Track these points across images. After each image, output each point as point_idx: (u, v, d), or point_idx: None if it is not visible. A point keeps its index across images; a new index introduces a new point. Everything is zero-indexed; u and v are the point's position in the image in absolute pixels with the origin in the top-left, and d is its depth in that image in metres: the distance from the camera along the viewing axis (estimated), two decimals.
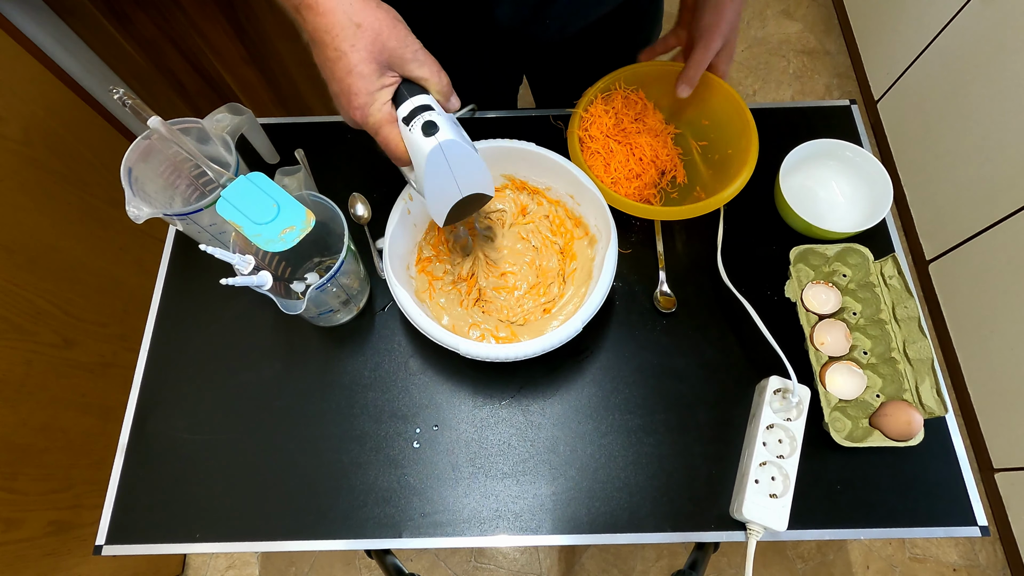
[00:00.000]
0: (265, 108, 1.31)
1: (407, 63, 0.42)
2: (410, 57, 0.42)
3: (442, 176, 0.45)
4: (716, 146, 0.69)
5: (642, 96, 0.70)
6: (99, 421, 1.00)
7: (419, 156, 0.43)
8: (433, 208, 0.49)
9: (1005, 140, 1.18)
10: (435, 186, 0.46)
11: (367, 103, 0.42)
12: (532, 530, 0.56)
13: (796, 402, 0.56)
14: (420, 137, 0.42)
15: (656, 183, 0.69)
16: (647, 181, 0.68)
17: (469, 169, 0.46)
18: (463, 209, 0.50)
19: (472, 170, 0.47)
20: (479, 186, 0.49)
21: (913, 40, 1.45)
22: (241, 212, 0.47)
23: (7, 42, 0.89)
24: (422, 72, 0.43)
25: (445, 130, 0.43)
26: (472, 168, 0.47)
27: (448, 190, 0.47)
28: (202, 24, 1.07)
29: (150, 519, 0.57)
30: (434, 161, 0.43)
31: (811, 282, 0.63)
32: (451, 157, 0.44)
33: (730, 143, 0.66)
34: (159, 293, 0.66)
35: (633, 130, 0.69)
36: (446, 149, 0.43)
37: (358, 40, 0.40)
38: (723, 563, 1.26)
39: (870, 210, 0.67)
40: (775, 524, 0.53)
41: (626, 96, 0.69)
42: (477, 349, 0.52)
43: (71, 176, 0.98)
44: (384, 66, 0.42)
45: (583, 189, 0.59)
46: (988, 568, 1.26)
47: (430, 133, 0.42)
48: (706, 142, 0.70)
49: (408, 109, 0.43)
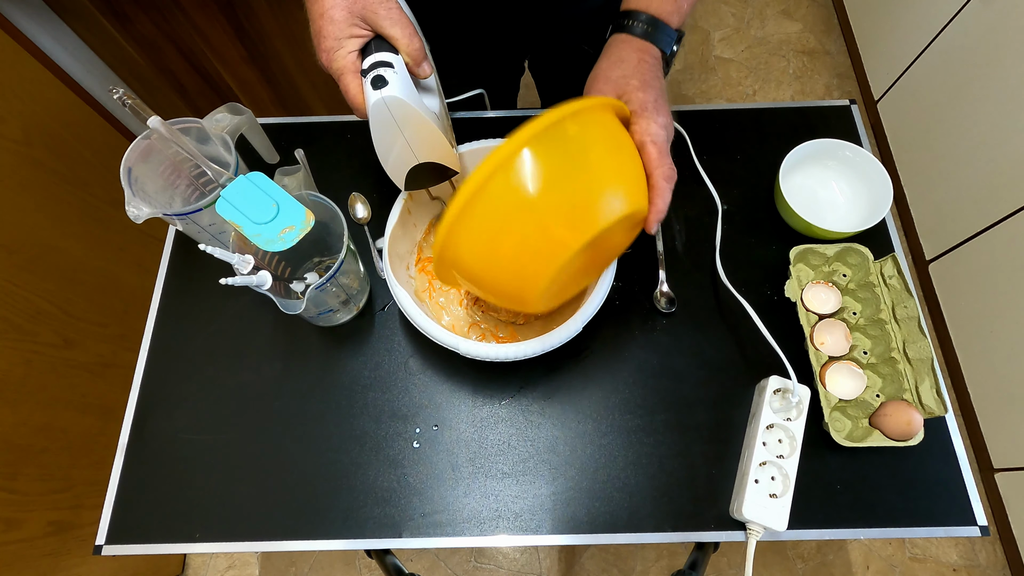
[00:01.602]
0: (265, 108, 1.31)
1: (380, 19, 0.43)
2: (383, 14, 0.43)
3: (390, 134, 0.46)
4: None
5: None
6: (99, 421, 1.00)
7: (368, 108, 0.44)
8: (387, 167, 0.49)
9: (1005, 140, 1.18)
10: (384, 143, 0.47)
11: (333, 47, 0.44)
12: (532, 530, 0.56)
13: (796, 402, 0.56)
14: (370, 89, 0.43)
15: None
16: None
17: (423, 135, 0.47)
18: (425, 177, 0.50)
19: (427, 137, 0.47)
20: (438, 156, 0.49)
21: (913, 40, 1.45)
22: (241, 212, 0.47)
23: (7, 42, 0.89)
24: (393, 31, 0.44)
25: (394, 87, 0.43)
26: (426, 135, 0.47)
27: (402, 152, 0.48)
28: (202, 24, 1.07)
29: (150, 519, 0.57)
30: (377, 115, 0.44)
31: (811, 282, 0.63)
32: (398, 116, 0.44)
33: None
34: (159, 293, 0.66)
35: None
36: (391, 105, 0.43)
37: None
38: (723, 563, 1.26)
39: (870, 210, 0.67)
40: (775, 524, 0.53)
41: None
42: (477, 349, 0.52)
43: (71, 176, 0.98)
44: (357, 16, 0.43)
45: None
46: (988, 568, 1.26)
47: (379, 86, 0.43)
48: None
49: (370, 62, 0.44)
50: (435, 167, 0.50)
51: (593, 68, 0.51)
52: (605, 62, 0.50)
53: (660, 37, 0.49)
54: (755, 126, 0.75)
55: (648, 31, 0.49)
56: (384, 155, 0.48)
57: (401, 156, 0.48)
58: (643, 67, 0.48)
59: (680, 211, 0.69)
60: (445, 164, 0.51)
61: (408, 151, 0.48)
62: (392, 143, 0.47)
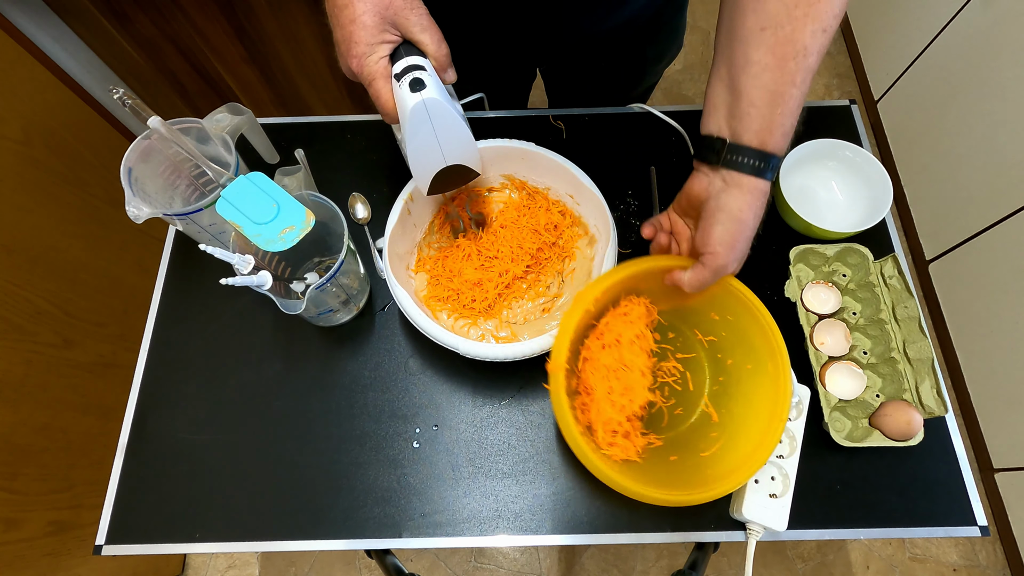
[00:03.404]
0: (265, 108, 1.31)
1: (411, 25, 0.44)
2: (414, 20, 0.44)
3: (425, 136, 0.46)
4: (726, 347, 0.56)
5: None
6: (99, 421, 1.00)
7: (404, 111, 0.44)
8: (416, 171, 0.49)
9: (1005, 140, 1.18)
10: (418, 146, 0.47)
11: (365, 53, 0.44)
12: (532, 530, 0.56)
13: (796, 402, 0.56)
14: (407, 92, 0.43)
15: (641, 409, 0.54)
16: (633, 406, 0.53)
17: (454, 136, 0.47)
18: (448, 180, 0.51)
19: (457, 138, 0.47)
20: (464, 157, 0.49)
21: (913, 40, 1.45)
22: (241, 212, 0.47)
23: (7, 42, 0.89)
24: (423, 36, 0.44)
25: (432, 89, 0.43)
26: (457, 135, 0.47)
27: (432, 155, 0.48)
28: (202, 24, 1.07)
29: (150, 519, 0.57)
30: (417, 117, 0.44)
31: (811, 282, 0.63)
32: (435, 117, 0.45)
33: (748, 356, 0.53)
34: (159, 293, 0.66)
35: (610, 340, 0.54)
36: (430, 107, 0.44)
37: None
38: (723, 563, 1.26)
39: (870, 210, 0.67)
40: (775, 524, 0.53)
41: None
42: (477, 349, 0.52)
43: (71, 176, 0.98)
44: (388, 22, 0.43)
45: (583, 189, 0.59)
46: (988, 568, 1.26)
47: (416, 89, 0.43)
48: (714, 338, 0.57)
49: (402, 66, 0.44)
50: (460, 169, 0.50)
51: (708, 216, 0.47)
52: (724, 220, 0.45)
53: (768, 171, 0.45)
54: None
55: (759, 167, 0.45)
56: (415, 158, 0.48)
57: (431, 159, 0.49)
58: (750, 215, 0.45)
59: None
60: (470, 166, 0.51)
61: (439, 153, 0.48)
62: (426, 146, 0.47)
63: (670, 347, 0.59)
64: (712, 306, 0.55)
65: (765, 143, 0.44)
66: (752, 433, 0.50)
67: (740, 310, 0.53)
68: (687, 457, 0.53)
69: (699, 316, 0.57)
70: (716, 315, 0.56)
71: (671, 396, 0.57)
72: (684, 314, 0.58)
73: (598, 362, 0.53)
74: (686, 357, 0.59)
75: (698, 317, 0.58)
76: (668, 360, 0.58)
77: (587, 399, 0.52)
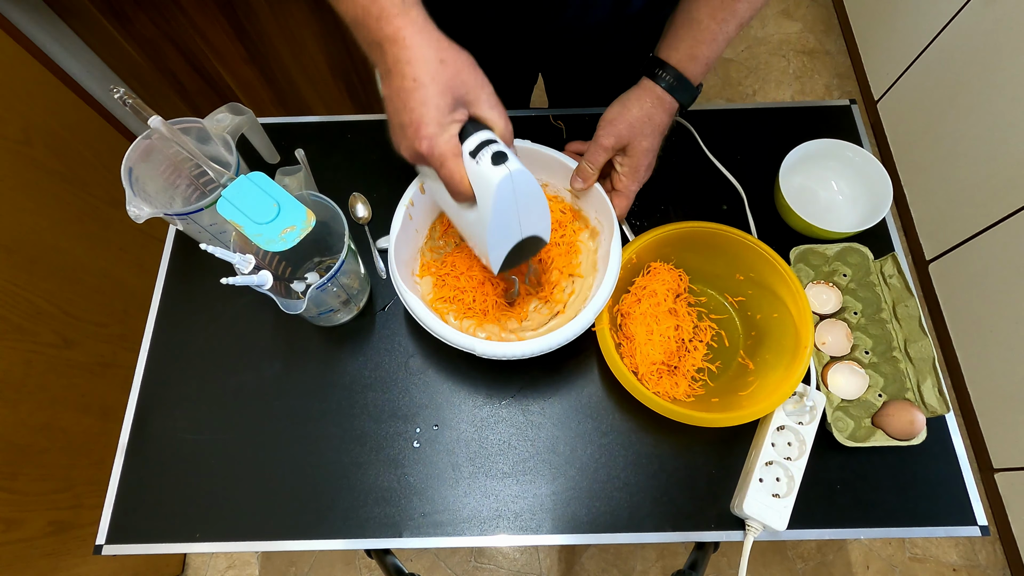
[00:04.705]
0: (265, 108, 1.31)
1: (481, 103, 0.43)
2: (484, 98, 0.43)
3: (508, 211, 0.44)
4: (755, 304, 0.62)
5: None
6: (99, 421, 1.00)
7: (487, 187, 0.42)
8: (493, 249, 0.46)
9: (1005, 140, 1.18)
10: (499, 223, 0.44)
11: (436, 134, 0.42)
12: (532, 530, 0.56)
13: (810, 407, 0.56)
14: (489, 167, 0.41)
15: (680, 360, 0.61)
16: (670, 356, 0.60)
17: (533, 206, 0.45)
18: (518, 254, 0.48)
19: (536, 208, 0.46)
20: (538, 228, 0.47)
21: (913, 40, 1.45)
22: (242, 212, 0.47)
23: (7, 42, 0.89)
24: (492, 114, 0.44)
25: (515, 161, 0.42)
26: (536, 206, 0.46)
27: (510, 229, 0.46)
28: (202, 24, 1.07)
29: (150, 519, 0.57)
30: (503, 192, 0.42)
31: (811, 282, 0.63)
32: (519, 189, 0.43)
33: (774, 305, 0.59)
34: (159, 293, 0.66)
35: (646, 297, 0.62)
36: (517, 179, 0.42)
37: (440, 74, 0.40)
38: (723, 563, 1.26)
39: (870, 210, 0.67)
40: (775, 523, 0.53)
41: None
42: (494, 349, 0.51)
43: (71, 176, 0.98)
44: (458, 102, 0.42)
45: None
46: (988, 568, 1.26)
47: (499, 162, 0.41)
48: (742, 297, 0.63)
49: (476, 143, 0.42)
50: (533, 239, 0.48)
51: (617, 101, 0.57)
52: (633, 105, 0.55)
53: (683, 93, 0.55)
54: (755, 126, 0.75)
55: (673, 86, 0.55)
56: (495, 234, 0.45)
57: (508, 233, 0.46)
58: (656, 119, 0.55)
59: (680, 210, 0.69)
60: (542, 236, 0.49)
61: (516, 226, 0.46)
62: (506, 220, 0.45)
63: (704, 309, 0.64)
64: (737, 268, 0.61)
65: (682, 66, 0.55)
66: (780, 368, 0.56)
67: (760, 265, 0.59)
68: (727, 398, 0.58)
69: (726, 280, 0.63)
70: (741, 275, 0.62)
71: (709, 352, 0.62)
72: (712, 279, 0.64)
73: (635, 314, 0.61)
74: (719, 318, 0.64)
75: (725, 282, 0.63)
76: (704, 320, 0.63)
77: (630, 345, 0.60)
